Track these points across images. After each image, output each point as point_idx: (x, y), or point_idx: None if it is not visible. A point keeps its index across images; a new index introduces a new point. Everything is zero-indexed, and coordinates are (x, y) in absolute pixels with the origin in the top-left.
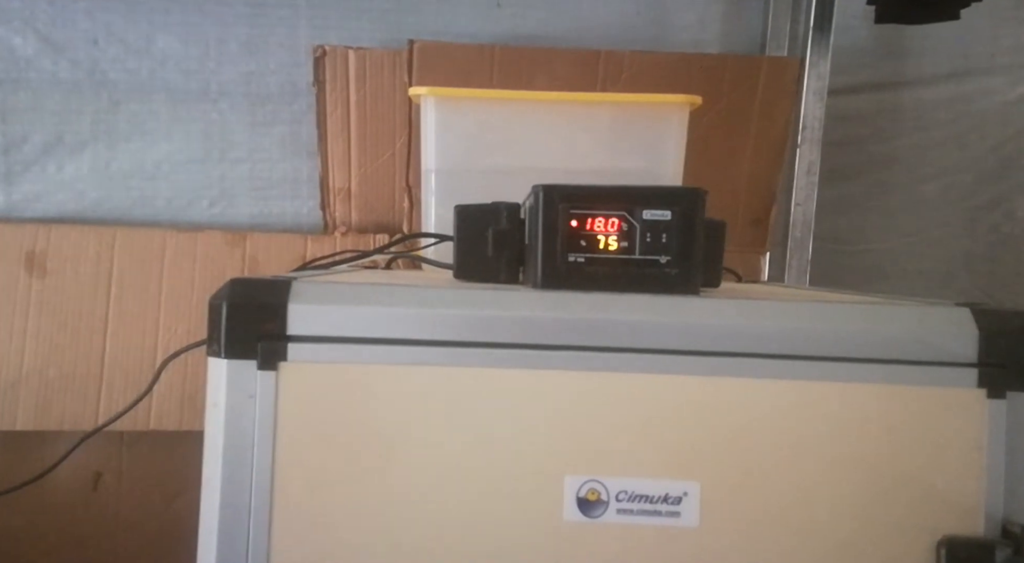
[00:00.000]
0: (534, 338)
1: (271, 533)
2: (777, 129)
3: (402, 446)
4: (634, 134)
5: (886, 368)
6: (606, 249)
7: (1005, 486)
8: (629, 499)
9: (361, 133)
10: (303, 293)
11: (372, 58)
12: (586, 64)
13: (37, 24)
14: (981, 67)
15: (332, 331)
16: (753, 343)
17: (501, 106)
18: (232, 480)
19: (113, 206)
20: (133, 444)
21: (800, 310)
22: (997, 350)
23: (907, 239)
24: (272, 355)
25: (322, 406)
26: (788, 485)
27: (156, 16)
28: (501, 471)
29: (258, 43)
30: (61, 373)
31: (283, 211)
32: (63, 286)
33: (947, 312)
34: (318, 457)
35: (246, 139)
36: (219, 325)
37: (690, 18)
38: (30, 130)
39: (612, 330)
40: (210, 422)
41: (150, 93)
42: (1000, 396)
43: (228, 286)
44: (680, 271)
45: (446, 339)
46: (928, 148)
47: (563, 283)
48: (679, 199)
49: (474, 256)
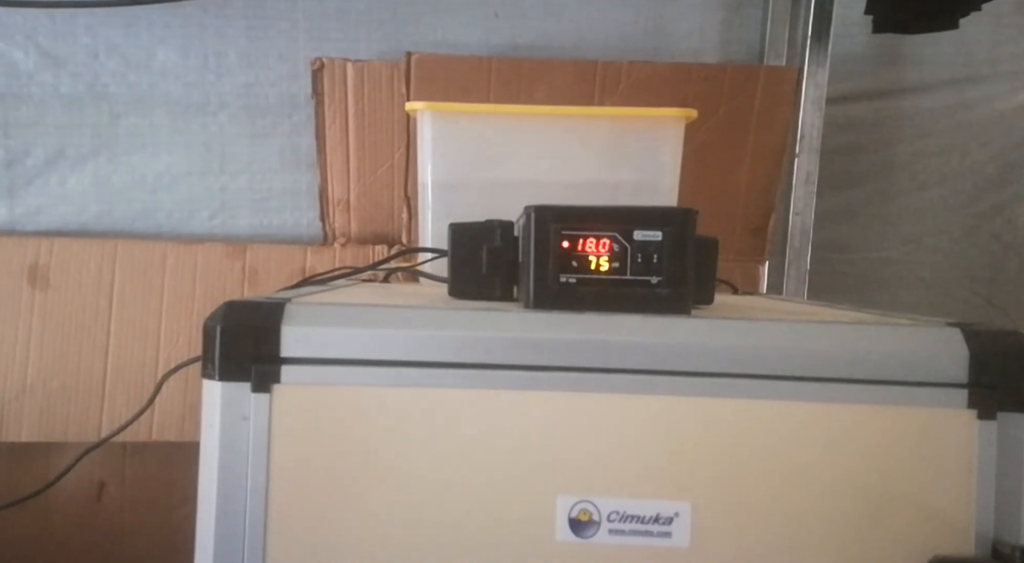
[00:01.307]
0: (526, 359)
1: (265, 554)
2: (775, 138)
3: (395, 466)
4: (630, 147)
5: (877, 388)
6: (597, 270)
7: (996, 506)
8: (621, 519)
9: (360, 144)
10: (296, 315)
11: (370, 70)
12: (584, 74)
13: (38, 39)
14: (981, 74)
15: (325, 353)
16: (744, 364)
17: (497, 120)
18: (227, 500)
19: (114, 219)
20: (136, 455)
21: (790, 330)
22: (987, 371)
23: (907, 247)
24: (266, 378)
25: (315, 427)
26: (779, 505)
27: (156, 30)
28: (493, 491)
29: (257, 56)
30: (64, 384)
31: (283, 222)
32: (66, 298)
33: (937, 332)
34: (312, 478)
35: (246, 151)
36: (213, 348)
37: (689, 27)
38: (32, 144)
39: (603, 351)
40: (205, 443)
41: (150, 106)
42: (991, 417)
43: (222, 309)
44: (671, 291)
45: (438, 360)
46: (928, 156)
47: (555, 304)
48: (670, 220)
49: (468, 273)
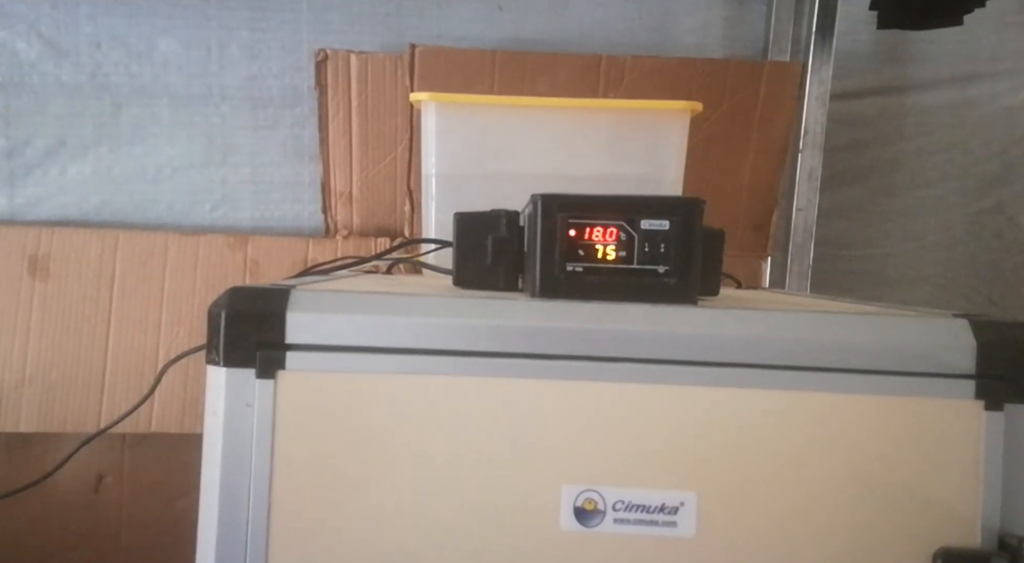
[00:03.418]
0: (532, 348)
1: (269, 541)
2: (779, 134)
3: (399, 454)
4: (635, 140)
5: (883, 379)
6: (604, 258)
7: (1002, 498)
8: (626, 509)
9: (363, 137)
10: (301, 302)
11: (374, 62)
12: (587, 69)
13: (40, 28)
14: (984, 72)
15: (330, 340)
16: (750, 353)
17: (502, 112)
18: (230, 488)
19: (115, 209)
20: (135, 446)
21: (797, 320)
22: (995, 362)
23: (909, 244)
24: (271, 364)
25: (320, 414)
26: (785, 495)
27: (158, 20)
28: (498, 480)
29: (260, 47)
30: (64, 375)
31: (284, 215)
32: (66, 289)
33: (945, 323)
34: (316, 465)
35: (248, 143)
36: (218, 334)
37: (693, 23)
38: (33, 134)
39: (610, 340)
40: (209, 430)
41: (152, 97)
42: (998, 408)
43: (227, 295)
44: (678, 281)
45: (443, 348)
46: (931, 153)
47: (561, 292)
48: (677, 209)
49: (473, 263)
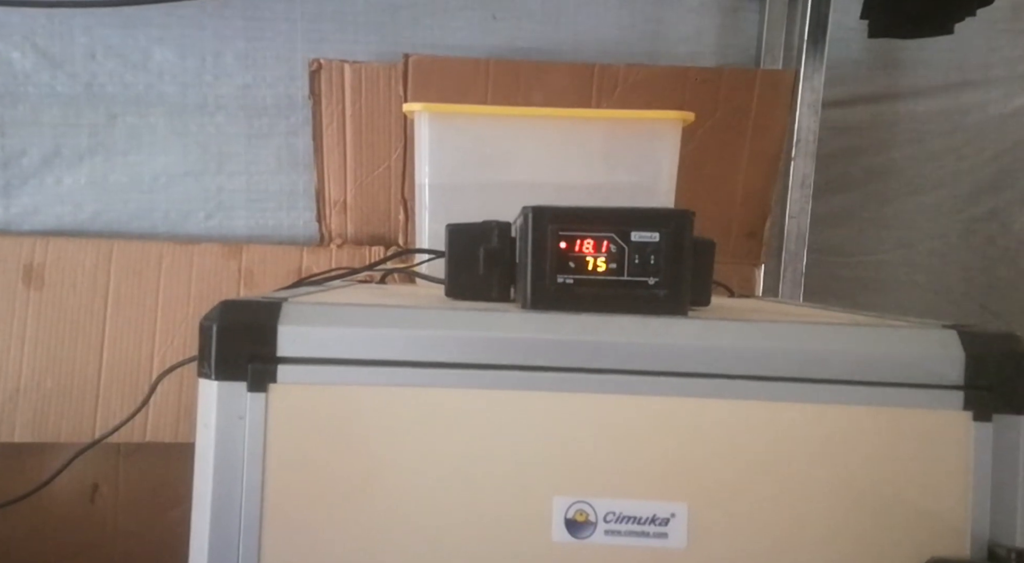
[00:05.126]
0: (522, 359)
1: (261, 554)
2: (772, 141)
3: (391, 467)
4: (627, 150)
5: (873, 390)
6: (595, 270)
7: (991, 508)
8: (617, 520)
9: (357, 146)
10: (293, 315)
11: (368, 71)
12: (581, 77)
13: (35, 38)
14: (976, 79)
15: (322, 352)
16: (740, 364)
17: (495, 122)
18: (222, 500)
19: (110, 219)
20: (130, 456)
21: (787, 332)
22: (983, 373)
23: (902, 251)
24: (262, 377)
25: (312, 427)
26: (775, 506)
27: (153, 30)
28: (489, 492)
29: (255, 56)
30: (58, 384)
31: (279, 223)
32: (61, 298)
33: (934, 334)
34: (307, 478)
35: (243, 152)
36: (209, 347)
37: (686, 31)
38: (28, 143)
39: (600, 351)
40: (200, 443)
41: (147, 106)
42: (986, 419)
43: (218, 308)
44: (668, 292)
45: (435, 360)
46: (923, 160)
47: (552, 304)
48: (667, 221)
49: (465, 274)
